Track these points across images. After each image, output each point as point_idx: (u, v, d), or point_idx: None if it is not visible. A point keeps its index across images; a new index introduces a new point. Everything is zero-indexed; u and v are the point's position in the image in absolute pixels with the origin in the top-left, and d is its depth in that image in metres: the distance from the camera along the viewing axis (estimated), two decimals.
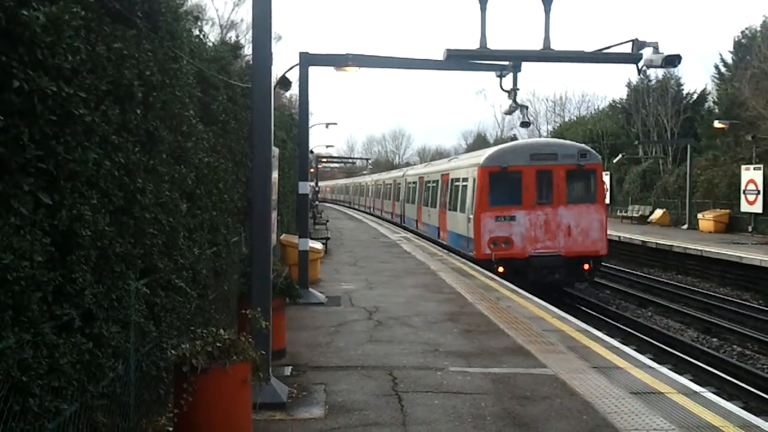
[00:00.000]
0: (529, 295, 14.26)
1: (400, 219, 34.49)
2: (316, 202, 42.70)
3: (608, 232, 18.73)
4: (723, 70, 39.22)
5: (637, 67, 10.89)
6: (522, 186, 17.77)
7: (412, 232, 29.82)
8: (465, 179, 20.14)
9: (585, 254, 17.74)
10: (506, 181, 17.93)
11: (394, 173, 41.08)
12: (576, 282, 18.86)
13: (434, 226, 24.97)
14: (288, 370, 7.96)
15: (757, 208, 27.55)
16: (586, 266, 17.82)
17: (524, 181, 17.77)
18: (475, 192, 18.41)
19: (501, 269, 17.26)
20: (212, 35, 35.19)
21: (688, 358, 12.12)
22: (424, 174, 28.49)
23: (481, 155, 19.37)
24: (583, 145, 20.79)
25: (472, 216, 18.56)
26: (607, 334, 11.71)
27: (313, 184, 45.24)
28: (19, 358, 3.38)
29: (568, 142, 21.98)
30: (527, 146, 19.31)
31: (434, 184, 25.50)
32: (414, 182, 30.53)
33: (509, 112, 12.90)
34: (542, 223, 17.72)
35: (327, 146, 59.40)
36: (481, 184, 18.14)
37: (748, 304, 17.75)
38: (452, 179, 22.29)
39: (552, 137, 33.72)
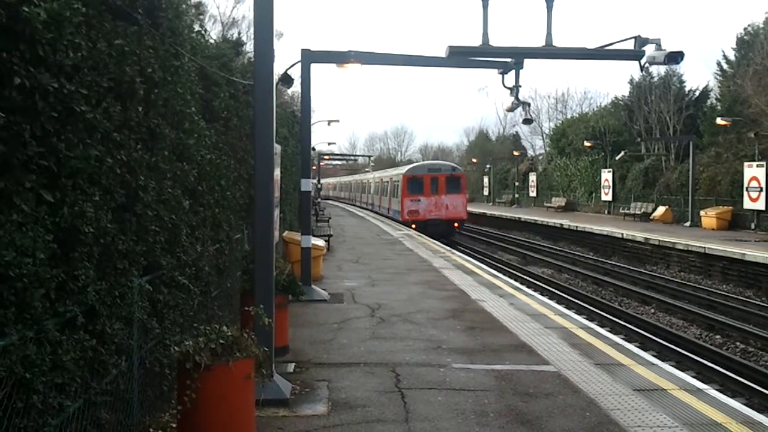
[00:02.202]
0: (532, 292, 14.30)
1: (371, 206, 50.25)
2: (319, 200, 42.69)
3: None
4: (725, 66, 38.99)
5: (640, 64, 10.85)
6: (423, 184, 34.67)
7: (374, 212, 46.37)
8: (398, 180, 37.17)
9: (455, 218, 34.34)
10: (416, 182, 34.85)
11: (368, 175, 56.64)
12: (451, 234, 33.74)
13: (386, 207, 42.32)
14: (291, 367, 7.96)
15: (760, 205, 27.47)
16: (456, 225, 34.44)
17: (425, 182, 34.75)
18: (401, 187, 35.45)
19: (413, 226, 32.94)
20: (214, 32, 35.12)
21: (692, 355, 12.09)
22: (382, 176, 46.35)
23: (404, 168, 38.79)
24: (453, 164, 40.93)
25: (399, 199, 35.74)
26: (610, 331, 11.72)
27: (315, 181, 45.45)
28: (23, 354, 3.38)
29: (446, 162, 42.29)
30: (426, 165, 38.78)
31: (386, 183, 42.93)
32: (377, 182, 48.00)
33: (511, 109, 12.83)
34: (434, 203, 34.36)
35: (329, 143, 59.24)
36: (404, 183, 35.19)
37: (751, 301, 17.71)
38: (393, 180, 39.79)
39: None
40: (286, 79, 14.83)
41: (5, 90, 3.42)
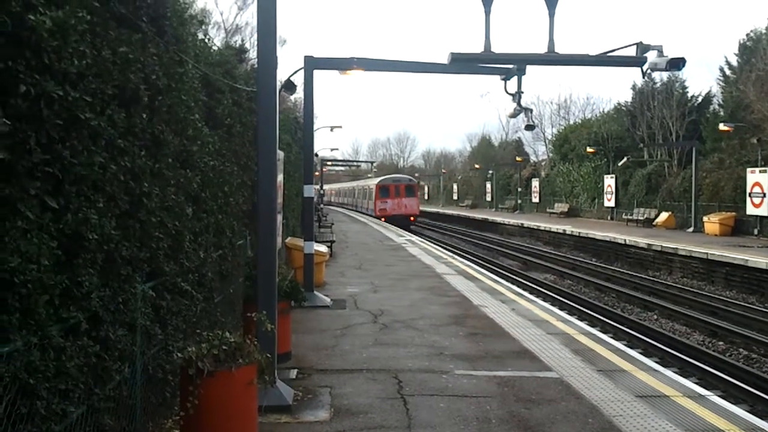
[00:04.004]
0: (534, 298, 14.29)
1: (355, 207, 65.09)
2: (321, 205, 42.71)
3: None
4: (728, 72, 38.97)
5: (642, 70, 10.86)
6: (389, 190, 49.11)
7: (357, 211, 60.89)
8: (372, 188, 51.94)
9: (411, 214, 48.33)
10: (385, 189, 49.36)
11: (354, 183, 73.95)
12: (408, 225, 45.78)
13: (365, 207, 57.26)
14: (293, 373, 7.96)
15: (763, 211, 27.44)
16: (412, 218, 48.02)
17: (390, 189, 49.15)
18: (374, 193, 49.96)
19: (383, 219, 45.95)
20: (217, 39, 35.20)
21: (694, 362, 12.07)
22: (362, 184, 63.17)
23: (376, 180, 53.37)
24: (410, 176, 58.52)
25: (373, 201, 50.50)
26: (613, 337, 11.71)
27: (317, 187, 45.87)
28: (27, 360, 3.39)
29: (405, 175, 58.29)
30: (391, 177, 53.48)
31: (365, 190, 58.93)
32: (359, 188, 64.49)
33: (513, 115, 12.84)
34: (396, 203, 48.43)
35: (332, 149, 59.64)
36: (376, 190, 49.73)
37: (754, 307, 17.66)
38: (368, 187, 55.66)
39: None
40: (289, 86, 14.86)
41: (11, 97, 3.44)
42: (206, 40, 8.47)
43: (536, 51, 11.10)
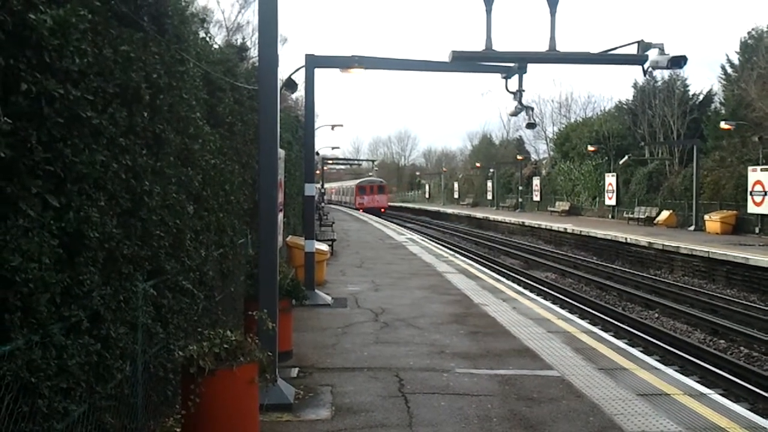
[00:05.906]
0: (535, 296, 14.29)
1: (342, 202, 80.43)
2: (323, 204, 42.64)
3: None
4: (729, 70, 38.92)
5: (643, 68, 10.84)
6: (365, 189, 71.01)
7: (344, 205, 76.57)
8: (353, 187, 74.14)
9: (381, 206, 68.94)
10: (362, 188, 71.36)
11: (341, 183, 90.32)
12: (380, 214, 61.20)
13: (348, 201, 76.40)
14: (294, 372, 7.97)
15: (764, 209, 27.42)
16: (382, 210, 67.92)
17: (366, 188, 71.20)
18: (355, 191, 72.45)
19: (362, 210, 64.53)
20: (219, 38, 35.18)
21: (695, 360, 12.07)
22: (347, 184, 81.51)
23: (357, 181, 75.42)
24: (380, 179, 77.57)
25: (353, 197, 72.92)
26: (614, 336, 11.71)
27: (318, 185, 45.64)
28: (28, 359, 3.39)
29: (377, 178, 76.45)
30: (367, 180, 73.99)
31: (348, 188, 79.37)
32: (345, 187, 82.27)
33: (514, 114, 12.80)
34: (371, 199, 69.93)
35: (333, 148, 59.74)
36: (356, 189, 72.26)
37: (755, 305, 17.66)
38: (351, 186, 77.26)
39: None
40: (290, 84, 14.86)
41: (12, 96, 3.44)
42: (207, 39, 8.46)
43: (537, 49, 11.09)
